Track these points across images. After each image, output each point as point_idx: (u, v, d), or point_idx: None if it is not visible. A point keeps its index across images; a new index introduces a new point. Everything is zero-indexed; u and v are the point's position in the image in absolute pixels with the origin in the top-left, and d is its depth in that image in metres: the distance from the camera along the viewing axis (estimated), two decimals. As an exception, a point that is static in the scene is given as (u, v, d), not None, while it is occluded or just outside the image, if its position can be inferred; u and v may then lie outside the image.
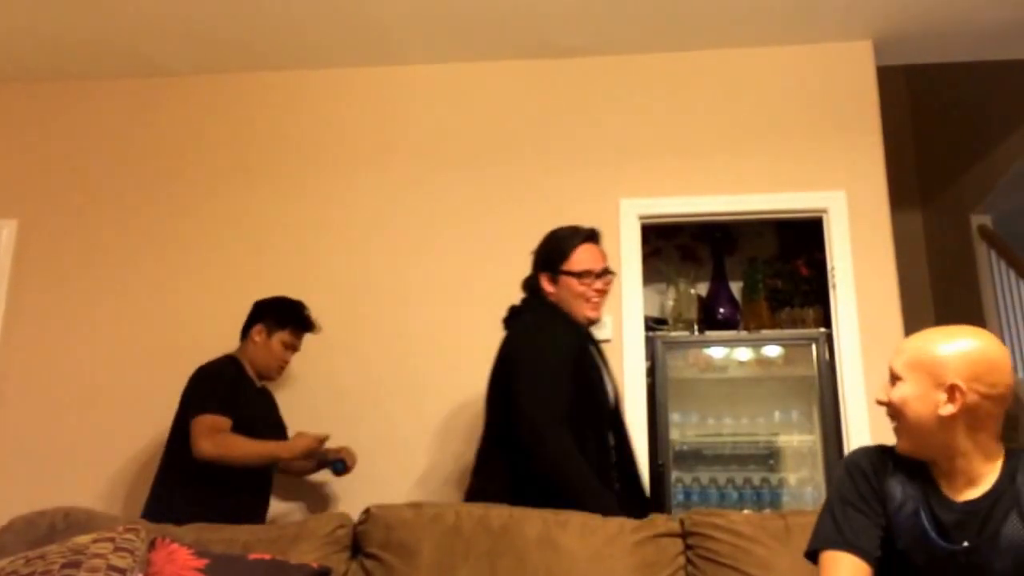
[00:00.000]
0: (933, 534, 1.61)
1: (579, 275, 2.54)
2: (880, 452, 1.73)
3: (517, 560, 2.10)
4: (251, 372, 3.09)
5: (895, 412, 1.65)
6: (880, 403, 1.68)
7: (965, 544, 1.58)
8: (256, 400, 3.08)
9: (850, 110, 3.66)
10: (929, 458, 1.65)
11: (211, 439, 2.80)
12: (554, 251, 2.60)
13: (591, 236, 2.62)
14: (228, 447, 2.81)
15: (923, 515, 1.62)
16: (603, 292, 2.58)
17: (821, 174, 3.61)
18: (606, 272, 2.59)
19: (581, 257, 2.56)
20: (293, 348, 3.14)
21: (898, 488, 1.67)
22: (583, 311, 2.54)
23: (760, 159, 3.65)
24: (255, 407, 3.03)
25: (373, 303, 3.66)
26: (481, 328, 3.60)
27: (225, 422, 2.85)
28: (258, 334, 3.08)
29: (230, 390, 2.94)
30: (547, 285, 2.58)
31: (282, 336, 3.08)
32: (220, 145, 3.91)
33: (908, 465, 1.68)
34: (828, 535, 1.67)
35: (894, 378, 1.66)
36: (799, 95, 3.71)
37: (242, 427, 2.89)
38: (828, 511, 1.70)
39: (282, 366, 3.12)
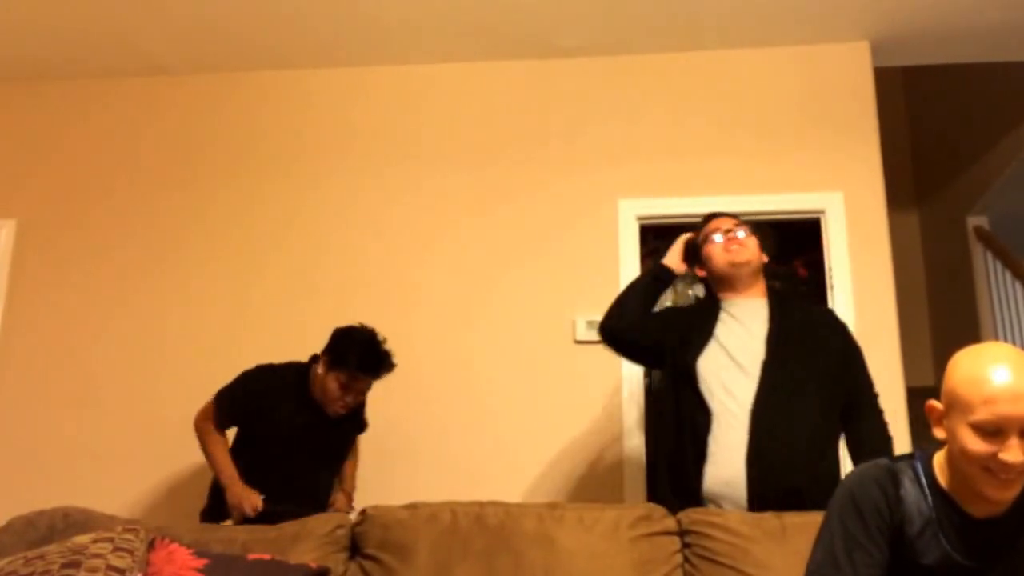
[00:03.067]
0: (957, 555, 1.55)
1: (707, 237, 2.64)
2: (888, 473, 1.60)
3: (514, 558, 2.10)
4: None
5: None
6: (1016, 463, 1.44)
7: (991, 561, 1.54)
8: (289, 416, 2.88)
9: (847, 111, 3.68)
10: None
11: (203, 420, 2.91)
12: (695, 245, 2.71)
13: (715, 215, 2.73)
14: (203, 436, 2.90)
15: (942, 536, 1.55)
16: (735, 239, 2.60)
17: (818, 175, 3.62)
18: (734, 226, 2.63)
19: (708, 228, 2.67)
20: (352, 391, 2.84)
21: (914, 508, 1.57)
22: (723, 259, 2.60)
23: (758, 160, 3.66)
24: (281, 424, 2.87)
25: (374, 300, 3.67)
26: (481, 325, 3.61)
27: (214, 418, 2.92)
28: (321, 365, 2.86)
29: (249, 399, 2.92)
30: (701, 272, 2.69)
31: (337, 375, 2.81)
32: (224, 145, 3.92)
33: (919, 479, 1.60)
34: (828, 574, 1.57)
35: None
36: (796, 96, 3.72)
37: (248, 438, 2.94)
38: (828, 545, 1.59)
39: (339, 405, 2.85)
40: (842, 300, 3.47)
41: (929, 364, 5.08)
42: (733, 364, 2.47)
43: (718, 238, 2.62)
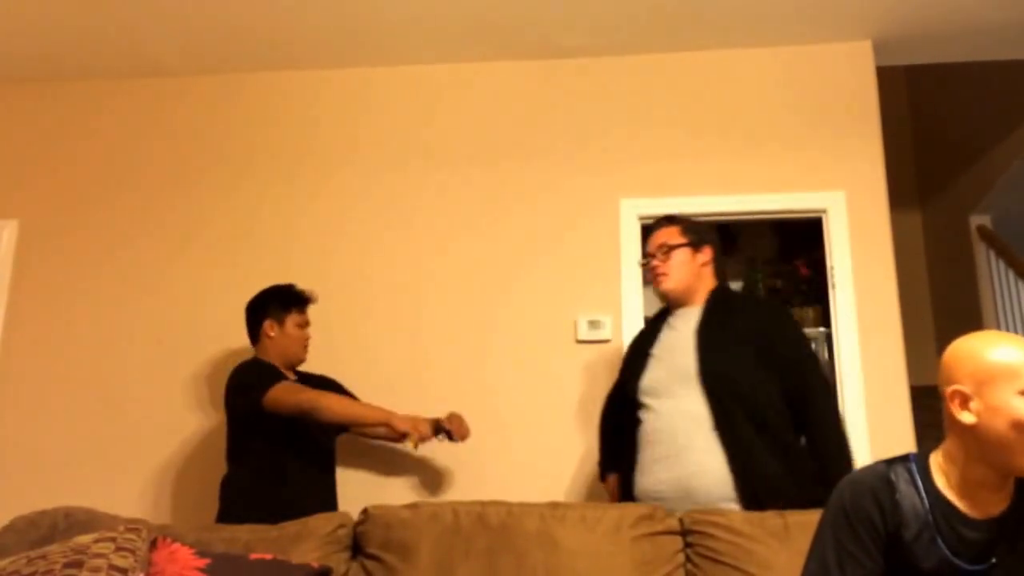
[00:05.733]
0: (957, 560, 1.55)
1: (642, 262, 2.83)
2: (883, 479, 1.61)
3: (516, 557, 2.10)
4: (281, 367, 3.09)
5: None
6: None
7: (992, 561, 1.54)
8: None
9: (849, 110, 3.67)
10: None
11: (303, 393, 2.84)
12: None
13: (656, 223, 2.83)
14: (312, 403, 2.81)
15: (940, 540, 1.56)
16: (655, 268, 2.71)
17: (820, 174, 3.62)
18: (655, 250, 2.72)
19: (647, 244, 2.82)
20: (307, 324, 3.18)
21: (910, 512, 1.58)
22: (656, 289, 2.73)
23: (760, 159, 3.66)
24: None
25: (379, 300, 3.67)
26: (483, 324, 3.60)
27: (282, 385, 2.88)
28: (271, 328, 3.11)
29: (278, 375, 2.98)
30: None
31: (294, 318, 3.12)
32: (228, 147, 3.91)
33: (914, 482, 1.60)
34: None
35: None
36: (799, 95, 3.71)
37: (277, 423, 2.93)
38: (821, 556, 1.61)
39: (305, 344, 3.16)
40: (844, 299, 3.46)
41: (932, 363, 5.06)
42: (663, 377, 2.57)
43: (651, 274, 2.73)
